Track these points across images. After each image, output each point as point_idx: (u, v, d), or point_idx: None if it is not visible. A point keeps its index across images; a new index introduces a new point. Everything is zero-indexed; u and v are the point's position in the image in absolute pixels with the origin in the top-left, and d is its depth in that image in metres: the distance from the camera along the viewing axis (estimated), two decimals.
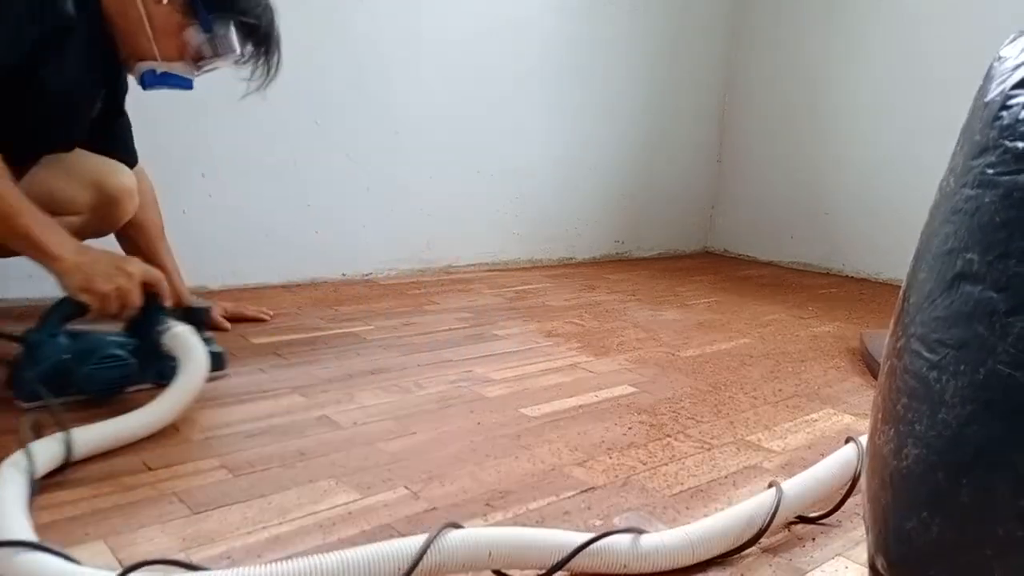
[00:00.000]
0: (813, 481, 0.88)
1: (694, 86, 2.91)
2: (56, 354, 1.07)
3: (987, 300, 0.61)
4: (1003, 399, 0.59)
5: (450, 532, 0.69)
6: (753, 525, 0.80)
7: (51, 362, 1.07)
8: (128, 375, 1.12)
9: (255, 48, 1.26)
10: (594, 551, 0.73)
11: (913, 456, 0.65)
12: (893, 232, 2.55)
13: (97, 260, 1.09)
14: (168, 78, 1.23)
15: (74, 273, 1.06)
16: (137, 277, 1.11)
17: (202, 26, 1.19)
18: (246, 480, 0.91)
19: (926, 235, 0.71)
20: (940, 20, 2.42)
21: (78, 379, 1.08)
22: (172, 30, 1.19)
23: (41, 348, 1.07)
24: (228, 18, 1.21)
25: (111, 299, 1.09)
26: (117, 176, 1.37)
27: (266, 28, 1.25)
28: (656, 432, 1.14)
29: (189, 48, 1.21)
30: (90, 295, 1.07)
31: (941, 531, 0.62)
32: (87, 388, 1.09)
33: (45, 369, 1.06)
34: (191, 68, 1.24)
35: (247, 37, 1.24)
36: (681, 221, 3.02)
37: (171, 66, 1.22)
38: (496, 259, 2.47)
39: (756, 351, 1.64)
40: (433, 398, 1.23)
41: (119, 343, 1.13)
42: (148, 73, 1.22)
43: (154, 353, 1.14)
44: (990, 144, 0.64)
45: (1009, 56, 0.67)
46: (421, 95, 2.18)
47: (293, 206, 2.00)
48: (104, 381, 1.10)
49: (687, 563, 0.77)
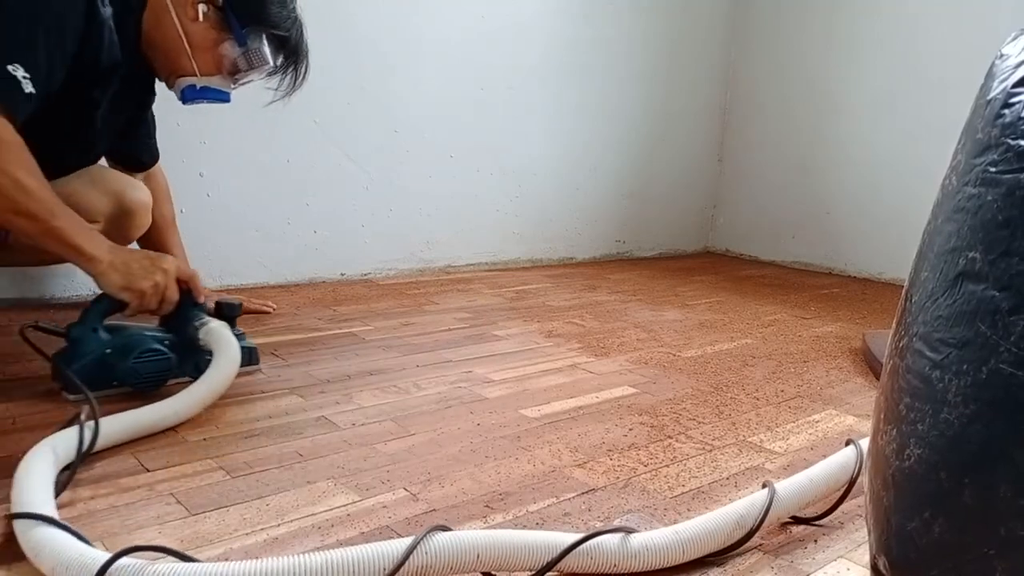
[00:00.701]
0: (807, 481, 0.88)
1: (695, 86, 2.91)
2: (99, 348, 1.13)
3: (990, 299, 0.60)
4: (1006, 398, 0.58)
5: (437, 534, 0.69)
6: (744, 525, 0.80)
7: (94, 356, 1.12)
8: (168, 369, 1.17)
9: (285, 59, 1.31)
10: (584, 551, 0.73)
11: (915, 456, 0.64)
12: (895, 231, 2.55)
13: (133, 259, 1.14)
14: (207, 92, 1.28)
15: (112, 273, 1.11)
16: (172, 274, 1.17)
17: (237, 40, 1.25)
18: (244, 481, 0.90)
19: (928, 234, 0.70)
20: (940, 20, 2.41)
21: (121, 372, 1.13)
22: (209, 46, 1.25)
23: (84, 343, 1.12)
24: (260, 31, 1.26)
25: (149, 296, 1.14)
26: (136, 190, 1.44)
27: (296, 40, 1.31)
28: (657, 433, 1.14)
29: (226, 62, 1.27)
30: (130, 293, 1.13)
31: (943, 531, 0.62)
32: (130, 381, 1.14)
33: (89, 363, 1.11)
34: (228, 81, 1.30)
35: (278, 49, 1.29)
36: (682, 221, 3.02)
37: (209, 80, 1.28)
38: (496, 259, 2.46)
39: (758, 351, 1.63)
40: (432, 399, 1.23)
41: (158, 338, 1.17)
42: (188, 88, 1.27)
43: (190, 347, 1.19)
44: (992, 142, 0.64)
45: (1011, 54, 0.66)
46: (421, 95, 2.17)
47: (292, 206, 1.99)
48: (146, 374, 1.15)
49: (677, 562, 0.76)
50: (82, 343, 1.12)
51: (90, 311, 1.14)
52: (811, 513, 0.88)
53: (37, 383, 1.18)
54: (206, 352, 1.17)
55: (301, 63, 1.34)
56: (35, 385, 1.17)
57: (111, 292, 1.13)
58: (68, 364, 1.10)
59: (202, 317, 1.21)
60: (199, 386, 1.09)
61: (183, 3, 1.21)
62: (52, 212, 1.07)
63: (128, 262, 1.13)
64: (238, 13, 1.24)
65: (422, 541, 0.67)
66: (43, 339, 1.15)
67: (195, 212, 1.82)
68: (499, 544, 0.71)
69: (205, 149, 1.84)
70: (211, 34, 1.24)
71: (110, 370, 1.12)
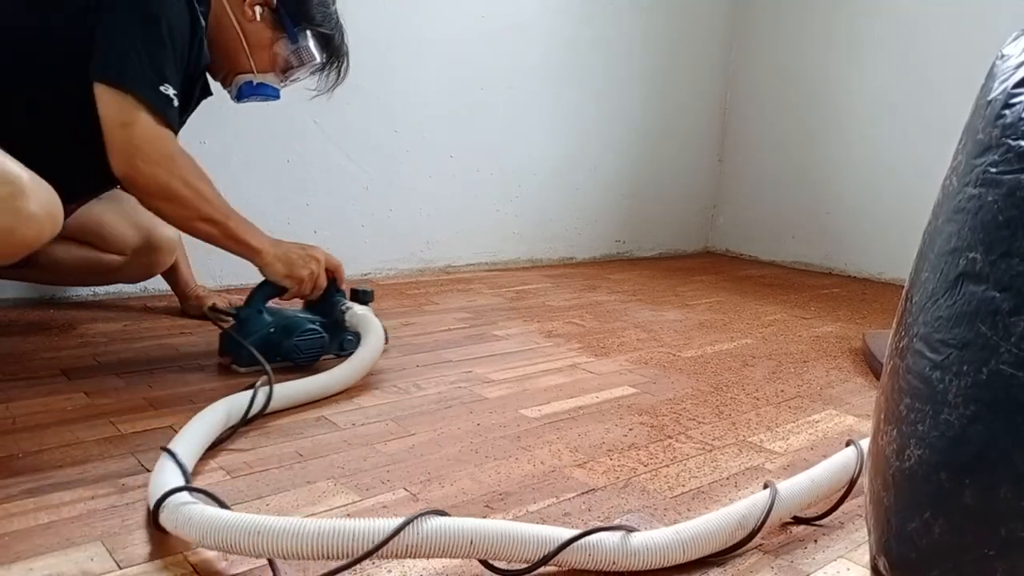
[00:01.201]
0: (808, 482, 0.88)
1: (694, 85, 2.91)
2: (264, 328, 1.29)
3: (990, 299, 0.60)
4: (1006, 399, 0.58)
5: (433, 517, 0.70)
6: (746, 525, 0.79)
7: (262, 334, 1.28)
8: (323, 346, 1.32)
9: (329, 57, 1.39)
10: (583, 547, 0.73)
11: (915, 457, 0.64)
12: (895, 232, 2.55)
13: (292, 250, 1.29)
14: (262, 89, 1.36)
15: (276, 264, 1.27)
16: (323, 263, 1.32)
17: (290, 38, 1.33)
18: (243, 481, 0.90)
19: (929, 234, 0.70)
20: (940, 20, 2.41)
21: (285, 349, 1.28)
22: (265, 44, 1.32)
23: (251, 322, 1.28)
24: (308, 30, 1.34)
25: (307, 283, 1.30)
26: (164, 226, 1.51)
27: (339, 39, 1.39)
28: (657, 433, 1.14)
29: (279, 59, 1.34)
30: (291, 280, 1.28)
31: (943, 532, 0.62)
32: (292, 357, 1.28)
33: (256, 340, 1.26)
34: (279, 78, 1.37)
35: (324, 47, 1.37)
36: (682, 221, 3.02)
37: (264, 77, 1.35)
38: (496, 259, 2.46)
39: (758, 352, 1.63)
40: (432, 399, 1.23)
41: (312, 320, 1.32)
42: (246, 85, 1.35)
43: (337, 328, 1.35)
44: (993, 143, 0.64)
45: (1012, 54, 0.66)
46: (421, 95, 2.17)
47: (292, 205, 1.99)
48: (306, 351, 1.29)
49: (678, 561, 0.76)
50: (250, 323, 1.28)
51: (255, 295, 1.29)
52: (812, 513, 0.88)
53: (37, 384, 1.18)
54: (350, 333, 1.34)
55: (343, 60, 1.42)
56: (35, 385, 1.17)
57: (275, 280, 1.28)
58: (239, 340, 1.25)
59: (345, 302, 1.37)
60: (360, 357, 1.25)
61: (240, 5, 1.28)
62: (227, 215, 1.21)
63: (288, 253, 1.28)
64: (289, 13, 1.31)
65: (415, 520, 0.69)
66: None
67: None
68: (495, 533, 0.71)
69: (205, 149, 1.83)
70: (267, 33, 1.31)
71: (275, 346, 1.27)
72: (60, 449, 0.95)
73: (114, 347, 1.36)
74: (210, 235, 1.21)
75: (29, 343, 1.38)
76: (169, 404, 1.12)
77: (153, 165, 1.12)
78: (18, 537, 0.75)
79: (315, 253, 1.32)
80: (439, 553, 0.70)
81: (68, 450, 0.95)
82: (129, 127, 1.10)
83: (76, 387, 1.17)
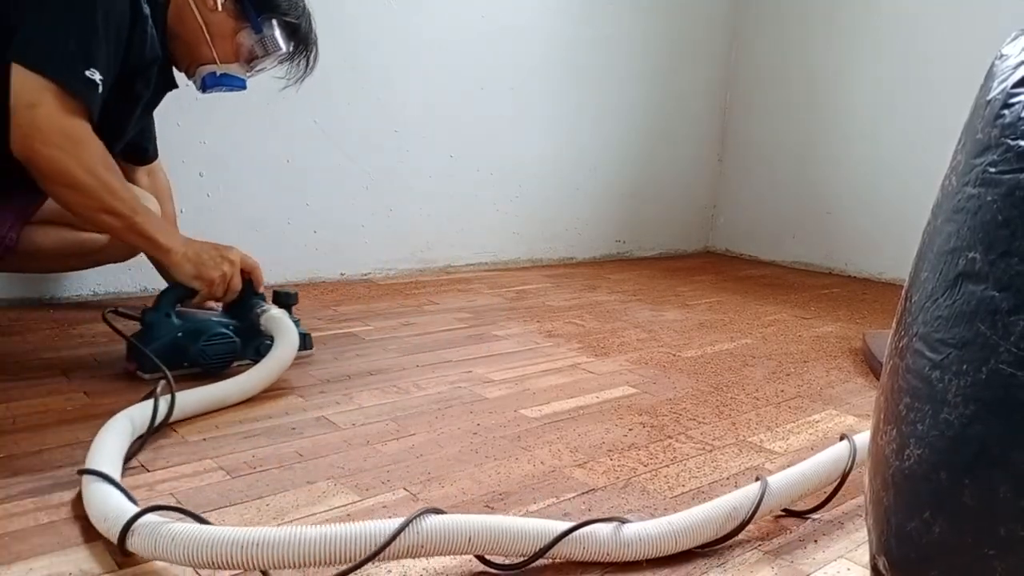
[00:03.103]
0: (799, 475, 0.88)
1: (695, 86, 2.91)
2: (171, 332, 1.22)
3: (989, 299, 0.60)
4: (1005, 398, 0.58)
5: (431, 516, 0.70)
6: (736, 516, 0.80)
7: (168, 339, 1.21)
8: (234, 351, 1.26)
9: (296, 47, 1.37)
10: (576, 539, 0.74)
11: (915, 456, 0.64)
12: (895, 232, 2.55)
13: (204, 250, 1.24)
14: (226, 79, 1.34)
15: (186, 263, 1.22)
16: (238, 264, 1.27)
17: (253, 28, 1.31)
18: (243, 481, 0.90)
19: (928, 234, 0.70)
20: (940, 20, 2.41)
21: (192, 354, 1.22)
22: (227, 34, 1.30)
23: (157, 327, 1.22)
24: (273, 19, 1.32)
25: (218, 285, 1.25)
26: (147, 203, 1.45)
27: (305, 27, 1.37)
28: (657, 433, 1.14)
29: (243, 49, 1.32)
30: (200, 282, 1.23)
31: (943, 531, 0.62)
32: (199, 362, 1.23)
33: (163, 345, 1.20)
34: (244, 68, 1.35)
35: (290, 36, 1.35)
36: (682, 221, 3.02)
37: (228, 68, 1.33)
38: (496, 259, 2.46)
39: (758, 352, 1.63)
40: (432, 399, 1.23)
41: (223, 323, 1.27)
42: (209, 76, 1.33)
43: (252, 332, 1.29)
44: (992, 142, 0.64)
45: (1011, 54, 0.66)
46: (421, 95, 2.17)
47: (292, 205, 1.99)
48: (214, 356, 1.24)
49: (670, 552, 0.77)
50: (156, 327, 1.21)
51: (163, 298, 1.23)
52: (804, 507, 0.89)
53: (37, 384, 1.18)
54: (266, 336, 1.27)
55: (311, 50, 1.39)
56: (35, 385, 1.17)
57: (184, 281, 1.23)
58: (145, 346, 1.19)
59: (263, 304, 1.31)
60: (264, 365, 1.18)
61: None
62: (134, 209, 1.16)
63: (199, 253, 1.23)
64: (253, 1, 1.30)
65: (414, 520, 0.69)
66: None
67: (195, 212, 1.82)
68: (491, 528, 0.72)
69: (205, 149, 1.84)
70: (229, 23, 1.30)
71: (182, 352, 1.21)
72: (60, 449, 0.95)
73: (114, 347, 1.36)
74: (114, 229, 1.17)
75: (29, 343, 1.38)
76: None
77: (54, 148, 1.07)
78: (18, 537, 0.75)
79: (230, 255, 1.26)
80: (438, 552, 0.70)
81: (68, 450, 0.95)
82: (34, 108, 1.06)
83: (76, 387, 1.17)
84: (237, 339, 1.26)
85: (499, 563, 0.74)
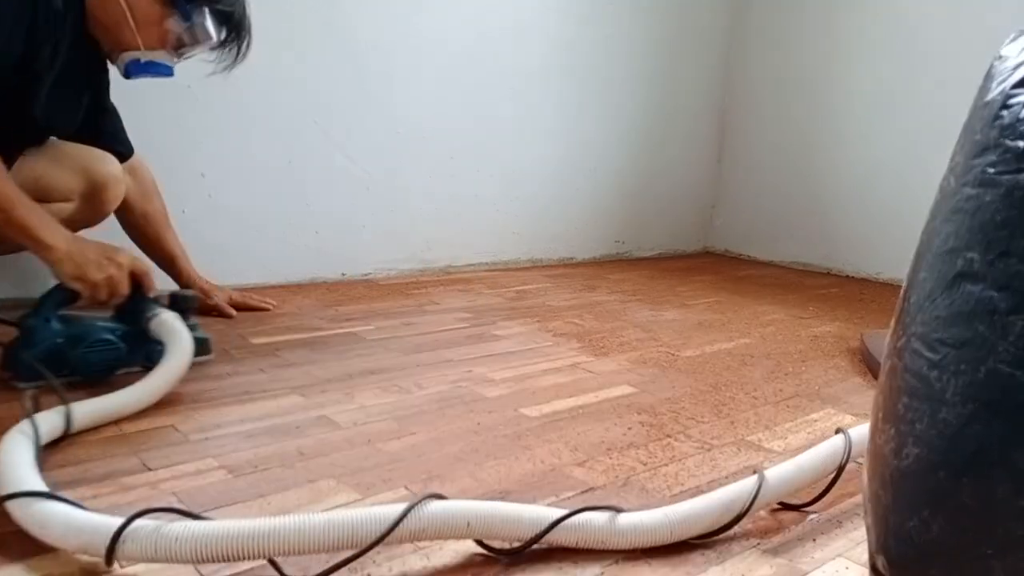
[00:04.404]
0: (795, 469, 0.89)
1: (694, 86, 2.91)
2: (50, 338, 1.15)
3: (988, 299, 0.61)
4: (1003, 398, 0.59)
5: (431, 502, 0.71)
6: (732, 509, 0.81)
7: (46, 345, 1.14)
8: (118, 358, 1.19)
9: (228, 34, 1.31)
10: (572, 526, 0.75)
11: (914, 455, 0.64)
12: (893, 232, 2.55)
13: (89, 250, 1.16)
14: (151, 66, 1.28)
15: (67, 262, 1.13)
16: (126, 267, 1.19)
17: (181, 15, 1.25)
18: (245, 480, 0.91)
19: (927, 234, 0.71)
20: (940, 20, 2.41)
21: (71, 361, 1.14)
22: (153, 20, 1.24)
23: (36, 332, 1.14)
24: (204, 6, 1.26)
25: (101, 288, 1.16)
26: (104, 163, 1.42)
27: (239, 15, 1.31)
28: (656, 432, 1.14)
29: (170, 36, 1.26)
30: (82, 283, 1.15)
31: (942, 530, 0.62)
32: (79, 370, 1.15)
33: (40, 351, 1.13)
34: (172, 56, 1.29)
35: (222, 24, 1.29)
36: (681, 221, 3.02)
37: (154, 55, 1.27)
38: (496, 259, 2.46)
39: (756, 351, 1.63)
40: (433, 398, 1.23)
41: (109, 328, 1.19)
42: (132, 63, 1.27)
43: (142, 338, 1.20)
44: (991, 143, 0.64)
45: (1010, 55, 0.67)
46: (421, 95, 2.18)
47: (293, 206, 2.00)
48: (95, 363, 1.17)
49: (665, 542, 0.78)
50: (34, 332, 1.14)
51: (44, 301, 1.16)
52: (800, 500, 0.90)
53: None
54: (157, 343, 1.18)
55: (244, 38, 1.33)
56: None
57: (64, 281, 1.15)
58: (20, 352, 1.12)
59: (154, 309, 1.22)
60: (154, 376, 1.10)
61: None
62: (15, 203, 1.10)
63: (84, 252, 1.15)
64: None
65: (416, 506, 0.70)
66: None
67: (197, 213, 1.82)
68: (489, 514, 0.73)
69: (206, 150, 1.84)
70: (155, 9, 1.24)
71: (61, 359, 1.14)
72: (60, 449, 0.96)
73: None
74: None
75: None
76: (171, 403, 1.12)
77: None
78: (18, 537, 0.75)
79: (118, 257, 1.18)
80: (439, 536, 0.71)
81: (69, 449, 0.95)
82: None
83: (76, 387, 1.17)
84: (122, 345, 1.18)
85: (497, 547, 0.75)
